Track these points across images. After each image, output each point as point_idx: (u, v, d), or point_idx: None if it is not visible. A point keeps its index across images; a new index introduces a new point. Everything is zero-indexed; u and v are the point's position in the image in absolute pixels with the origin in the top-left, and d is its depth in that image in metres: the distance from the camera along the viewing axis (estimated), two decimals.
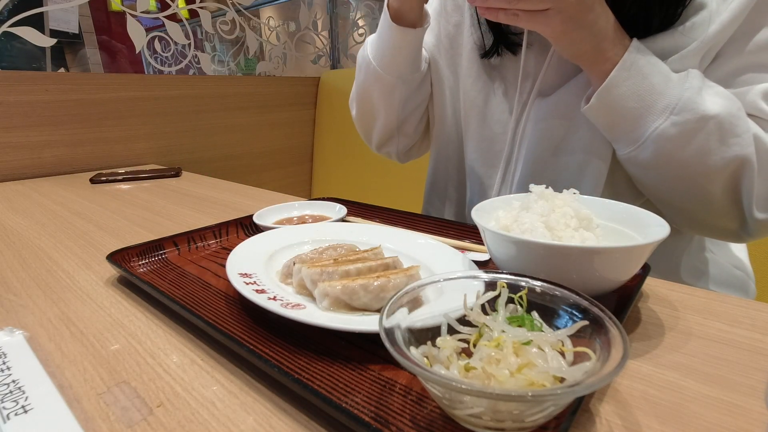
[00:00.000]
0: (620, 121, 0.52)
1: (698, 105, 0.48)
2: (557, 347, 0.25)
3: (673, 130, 0.49)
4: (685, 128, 0.48)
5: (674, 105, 0.49)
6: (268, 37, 1.71)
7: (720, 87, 0.50)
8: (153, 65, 1.43)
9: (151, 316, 0.39)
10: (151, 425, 0.26)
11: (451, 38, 0.70)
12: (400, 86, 0.69)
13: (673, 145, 0.49)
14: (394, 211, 0.65)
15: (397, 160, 0.84)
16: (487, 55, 0.66)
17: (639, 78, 0.49)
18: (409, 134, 0.77)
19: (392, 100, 0.70)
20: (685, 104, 0.48)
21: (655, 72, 0.49)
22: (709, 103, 0.48)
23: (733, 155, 0.49)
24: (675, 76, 0.50)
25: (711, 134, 0.48)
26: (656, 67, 0.50)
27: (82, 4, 1.27)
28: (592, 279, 0.34)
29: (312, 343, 0.32)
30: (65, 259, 0.52)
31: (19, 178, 1.03)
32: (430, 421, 0.25)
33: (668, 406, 0.27)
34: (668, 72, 0.50)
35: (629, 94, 0.50)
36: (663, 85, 0.49)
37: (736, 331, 0.35)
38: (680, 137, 0.49)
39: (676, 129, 0.49)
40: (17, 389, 0.28)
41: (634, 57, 0.49)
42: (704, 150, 0.49)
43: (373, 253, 0.43)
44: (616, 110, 0.51)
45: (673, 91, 0.49)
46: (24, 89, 1.02)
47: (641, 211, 0.41)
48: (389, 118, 0.74)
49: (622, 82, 0.49)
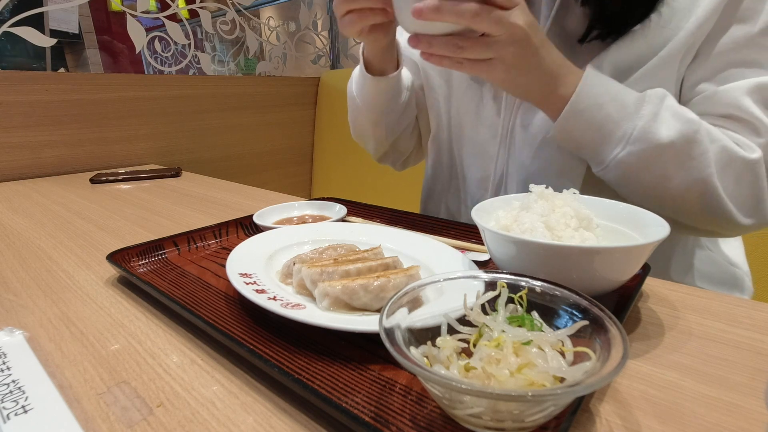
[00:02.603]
0: (582, 148, 0.53)
1: (653, 134, 0.48)
2: (557, 347, 0.25)
3: (631, 159, 0.50)
4: (642, 156, 0.49)
5: (629, 135, 0.49)
6: (268, 37, 1.71)
7: (679, 108, 0.50)
8: (153, 65, 1.43)
9: (151, 316, 0.39)
10: (151, 425, 0.26)
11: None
12: (384, 118, 0.72)
13: (634, 171, 0.50)
14: (394, 211, 0.65)
15: (396, 169, 0.87)
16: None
17: (595, 109, 0.50)
18: (402, 150, 0.82)
19: (380, 128, 0.74)
20: (640, 134, 0.49)
21: (610, 101, 0.50)
22: (665, 130, 0.48)
23: (692, 179, 0.49)
24: (632, 100, 0.50)
25: (668, 161, 0.49)
26: (612, 93, 0.50)
27: (82, 4, 1.27)
28: (592, 279, 0.34)
29: (312, 343, 0.32)
30: (65, 259, 0.52)
31: (19, 178, 1.03)
32: (430, 421, 0.25)
33: (668, 406, 0.27)
34: (624, 97, 0.50)
35: (587, 126, 0.50)
36: (619, 114, 0.49)
37: (736, 331, 0.35)
38: (639, 164, 0.50)
39: (633, 157, 0.49)
40: (17, 389, 0.28)
41: (588, 89, 0.49)
42: (664, 175, 0.50)
43: (373, 253, 0.43)
44: (576, 140, 0.52)
45: (628, 121, 0.49)
46: (24, 89, 1.02)
47: (641, 211, 0.41)
48: (380, 142, 0.78)
49: (578, 115, 0.50)
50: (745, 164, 0.49)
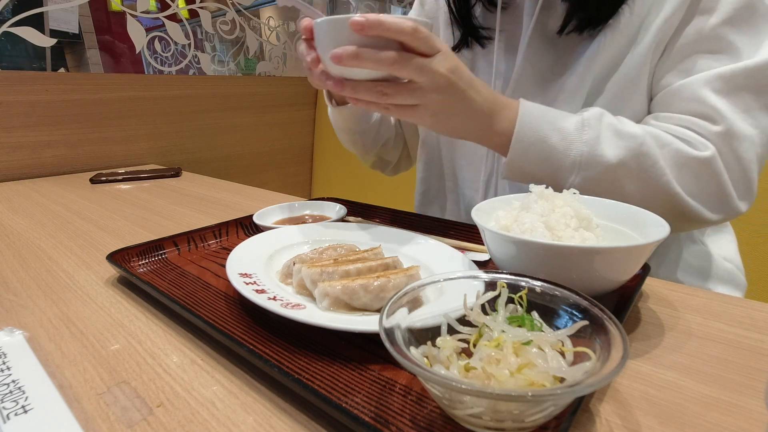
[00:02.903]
0: (538, 181, 0.53)
1: (600, 157, 0.49)
2: (557, 347, 0.25)
3: (587, 184, 0.50)
4: (597, 180, 0.50)
5: (579, 162, 0.50)
6: (268, 37, 1.71)
7: (619, 124, 0.50)
8: (153, 65, 1.43)
9: (151, 316, 0.39)
10: (151, 425, 0.26)
11: None
12: (359, 137, 0.74)
13: (595, 192, 0.50)
14: (394, 211, 0.65)
15: (387, 175, 0.89)
16: (455, 49, 0.68)
17: (538, 143, 0.50)
18: (389, 159, 0.83)
19: (357, 146, 0.77)
20: (589, 159, 0.49)
21: (551, 131, 0.50)
22: (610, 150, 0.49)
23: (651, 190, 0.49)
24: (572, 127, 0.50)
25: (623, 179, 0.49)
26: (551, 123, 0.50)
27: (82, 4, 1.27)
28: (592, 279, 0.34)
29: (312, 343, 0.32)
30: (65, 259, 0.52)
31: (19, 178, 1.03)
32: (430, 421, 0.25)
33: (668, 406, 0.27)
34: (564, 124, 0.50)
35: (536, 160, 0.51)
36: (562, 143, 0.50)
37: (736, 331, 0.35)
38: (596, 187, 0.50)
39: (589, 182, 0.50)
40: (17, 389, 0.28)
41: (527, 124, 0.50)
42: (623, 193, 0.50)
43: (373, 253, 0.43)
44: (529, 175, 0.52)
45: (573, 149, 0.49)
46: (24, 89, 1.02)
47: (641, 211, 0.41)
48: (363, 155, 0.80)
49: (525, 152, 0.50)
50: (700, 163, 0.49)
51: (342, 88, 0.46)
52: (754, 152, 0.49)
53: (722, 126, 0.49)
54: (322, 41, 0.45)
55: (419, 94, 0.45)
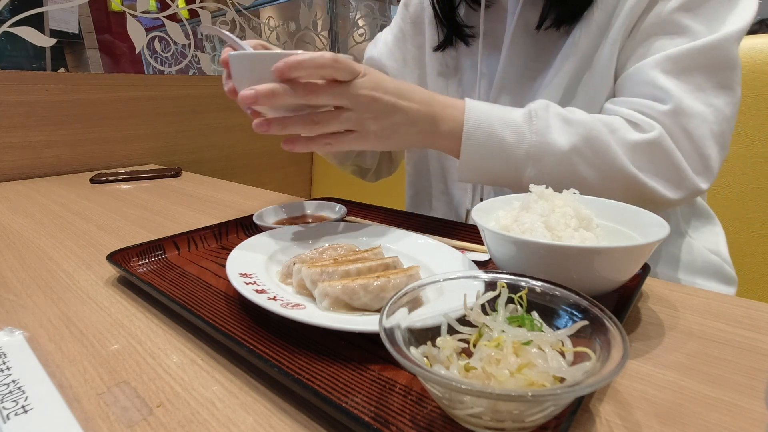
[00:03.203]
0: (495, 179, 0.54)
1: (553, 145, 0.49)
2: (557, 347, 0.25)
3: (543, 175, 0.50)
4: (553, 169, 0.50)
5: (532, 152, 0.50)
6: (268, 37, 1.71)
7: (565, 112, 0.51)
8: (153, 65, 1.43)
9: (151, 316, 0.39)
10: (151, 425, 0.26)
11: (417, 59, 0.74)
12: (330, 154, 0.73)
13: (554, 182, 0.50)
14: (394, 211, 0.65)
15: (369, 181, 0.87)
16: (440, 48, 0.68)
17: (489, 139, 0.50)
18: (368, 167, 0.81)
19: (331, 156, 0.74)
20: (541, 149, 0.49)
21: (501, 126, 0.50)
22: (561, 137, 0.49)
23: (607, 174, 0.50)
24: (519, 119, 0.50)
25: (577, 165, 0.50)
26: (498, 118, 0.50)
27: (82, 4, 1.27)
28: (592, 279, 0.34)
29: (312, 343, 0.32)
30: (65, 259, 0.52)
31: (19, 178, 1.03)
32: (430, 421, 0.25)
33: (668, 406, 0.27)
34: (511, 117, 0.51)
35: (488, 157, 0.51)
36: (513, 136, 0.50)
37: (736, 331, 0.35)
38: (553, 177, 0.50)
39: (545, 173, 0.50)
40: (17, 389, 0.28)
41: (474, 121, 0.50)
42: (580, 180, 0.50)
43: (372, 253, 0.43)
44: (485, 173, 0.52)
45: (525, 140, 0.50)
46: (24, 89, 1.02)
47: (641, 211, 0.41)
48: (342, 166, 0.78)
49: (475, 151, 0.50)
50: (648, 144, 0.49)
51: (269, 128, 0.44)
52: (706, 129, 0.50)
53: (670, 105, 0.50)
54: (238, 76, 0.45)
55: (351, 118, 0.45)
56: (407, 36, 0.74)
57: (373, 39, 0.81)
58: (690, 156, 0.50)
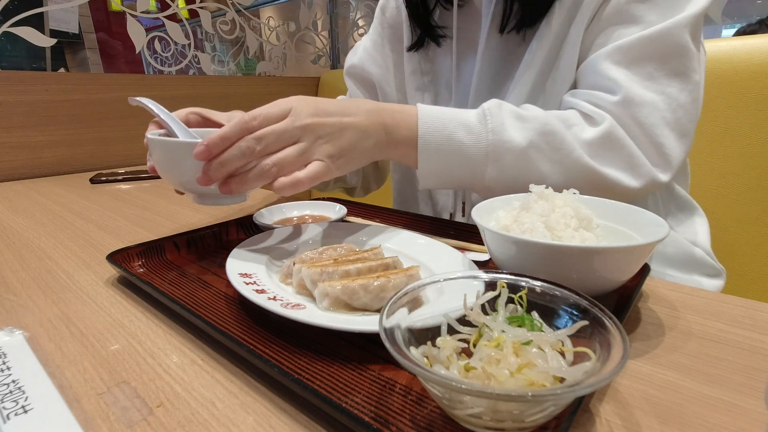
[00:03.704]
0: (456, 182, 0.53)
1: (509, 142, 0.49)
2: (557, 347, 0.25)
3: (503, 173, 0.50)
4: (512, 167, 0.50)
5: (490, 151, 0.50)
6: (268, 37, 1.72)
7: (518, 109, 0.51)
8: (153, 65, 1.44)
9: (151, 316, 0.39)
10: (151, 425, 0.26)
11: (397, 63, 0.74)
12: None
13: (513, 182, 0.50)
14: (394, 211, 0.65)
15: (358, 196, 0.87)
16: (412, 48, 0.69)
17: (445, 142, 0.50)
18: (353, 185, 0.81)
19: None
20: (498, 147, 0.49)
21: (455, 127, 0.50)
22: (517, 134, 0.49)
23: (566, 168, 0.50)
24: (474, 119, 0.50)
25: (536, 161, 0.50)
26: (452, 119, 0.50)
27: (82, 4, 1.27)
28: (592, 279, 0.34)
29: (312, 343, 0.32)
30: (65, 259, 0.52)
31: (19, 178, 1.03)
32: (430, 421, 0.25)
33: (668, 406, 0.27)
34: (465, 118, 0.50)
35: (447, 161, 0.50)
36: (469, 137, 0.50)
37: (736, 331, 0.35)
38: (514, 175, 0.50)
39: (505, 171, 0.50)
40: (17, 389, 0.28)
41: (429, 125, 0.49)
42: (541, 175, 0.50)
43: (372, 253, 0.43)
44: (445, 176, 0.52)
45: (481, 140, 0.49)
46: (24, 89, 1.02)
47: (641, 211, 0.41)
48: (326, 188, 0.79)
49: (433, 156, 0.50)
50: (602, 135, 0.49)
51: (228, 187, 0.42)
52: (658, 117, 0.49)
53: (619, 95, 0.50)
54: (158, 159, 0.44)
55: (304, 147, 0.43)
56: (386, 40, 0.74)
57: (353, 47, 0.82)
58: (643, 145, 0.50)
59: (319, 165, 0.44)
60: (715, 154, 0.83)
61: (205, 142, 0.40)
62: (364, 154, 0.49)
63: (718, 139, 0.83)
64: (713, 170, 0.84)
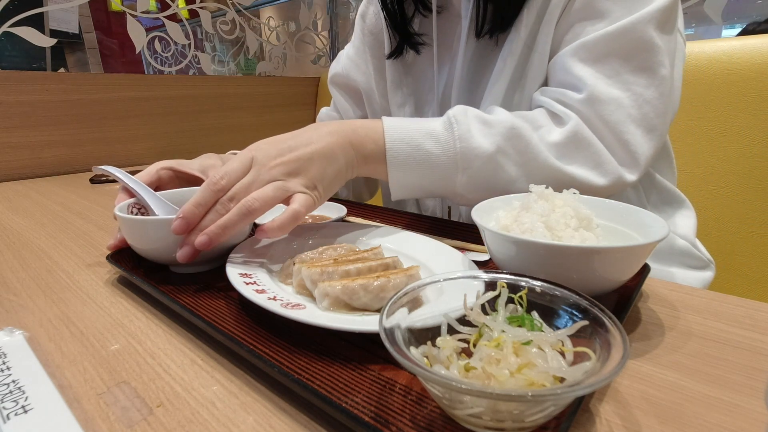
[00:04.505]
0: (429, 192, 0.53)
1: (477, 149, 0.49)
2: (557, 347, 0.25)
3: (473, 180, 0.50)
4: (481, 172, 0.50)
5: (458, 161, 0.49)
6: (268, 37, 1.72)
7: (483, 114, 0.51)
8: (153, 65, 1.44)
9: (151, 316, 0.39)
10: (151, 425, 0.26)
11: (379, 70, 0.73)
12: None
13: (485, 187, 0.50)
14: (394, 211, 0.65)
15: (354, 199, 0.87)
16: (391, 56, 0.68)
17: (413, 152, 0.49)
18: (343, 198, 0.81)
19: None
20: (466, 154, 0.49)
21: (421, 137, 0.50)
22: (484, 140, 0.49)
23: (534, 171, 0.49)
24: (440, 127, 0.50)
25: (504, 166, 0.49)
26: (417, 129, 0.50)
27: (82, 4, 1.27)
28: (592, 279, 0.34)
29: (312, 343, 0.32)
30: (65, 259, 0.52)
31: (19, 178, 1.03)
32: (430, 421, 0.25)
33: (668, 406, 0.27)
34: (430, 127, 0.50)
35: (417, 171, 0.50)
36: (437, 146, 0.50)
37: (736, 331, 0.35)
38: (484, 181, 0.50)
39: (475, 178, 0.50)
40: (17, 389, 0.28)
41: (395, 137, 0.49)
42: (509, 179, 0.50)
43: (372, 253, 0.43)
44: (417, 187, 0.52)
45: (447, 148, 0.49)
46: (24, 89, 1.02)
47: (641, 211, 0.41)
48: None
49: (402, 167, 0.50)
50: (569, 134, 0.49)
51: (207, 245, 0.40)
52: (623, 114, 0.49)
53: (584, 93, 0.50)
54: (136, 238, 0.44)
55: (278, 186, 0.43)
56: (367, 47, 0.74)
57: (336, 56, 0.81)
58: (609, 142, 0.50)
59: (304, 196, 0.44)
60: (715, 154, 0.83)
61: (180, 214, 0.40)
62: (338, 176, 0.48)
63: (718, 139, 0.83)
64: (713, 170, 0.84)
